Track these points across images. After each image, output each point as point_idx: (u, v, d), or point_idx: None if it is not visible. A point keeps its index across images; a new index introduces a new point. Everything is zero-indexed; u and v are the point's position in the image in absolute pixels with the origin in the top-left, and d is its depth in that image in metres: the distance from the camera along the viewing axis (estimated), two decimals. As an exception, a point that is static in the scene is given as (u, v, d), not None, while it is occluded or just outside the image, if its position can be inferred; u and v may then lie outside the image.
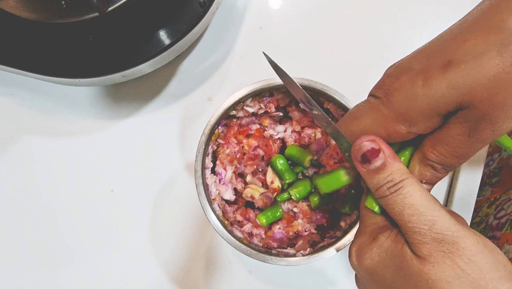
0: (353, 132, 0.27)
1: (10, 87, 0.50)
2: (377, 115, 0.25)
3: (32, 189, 0.49)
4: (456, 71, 0.22)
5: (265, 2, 0.51)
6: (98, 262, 0.47)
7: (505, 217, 0.45)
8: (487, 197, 0.52)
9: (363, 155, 0.25)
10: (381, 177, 0.25)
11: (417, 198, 0.24)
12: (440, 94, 0.23)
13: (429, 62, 0.24)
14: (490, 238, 0.45)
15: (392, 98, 0.25)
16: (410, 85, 0.24)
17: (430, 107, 0.24)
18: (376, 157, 0.25)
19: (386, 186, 0.25)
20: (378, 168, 0.25)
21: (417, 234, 0.23)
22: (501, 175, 0.52)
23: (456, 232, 0.23)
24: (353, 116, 0.27)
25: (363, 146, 0.25)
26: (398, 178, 0.25)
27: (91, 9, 0.38)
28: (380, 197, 0.25)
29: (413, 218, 0.24)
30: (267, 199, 0.40)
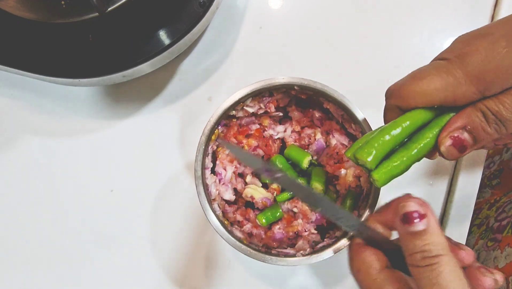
0: (415, 93, 0.25)
1: (10, 87, 0.50)
2: (447, 76, 0.24)
3: (32, 189, 0.49)
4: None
5: (265, 2, 0.51)
6: (98, 262, 0.47)
7: (506, 219, 0.44)
8: (487, 199, 0.52)
9: (406, 214, 0.24)
10: (418, 244, 0.23)
11: (450, 280, 0.22)
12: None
13: (509, 32, 0.23)
14: (491, 240, 0.45)
15: (468, 60, 0.23)
16: (490, 47, 0.23)
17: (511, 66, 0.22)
18: (420, 220, 0.23)
19: (421, 254, 0.23)
20: (417, 233, 0.23)
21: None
22: (501, 177, 0.52)
23: None
24: (417, 77, 0.25)
25: (408, 205, 0.24)
26: (436, 251, 0.23)
27: (91, 9, 0.38)
28: (411, 265, 0.24)
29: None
30: (267, 201, 0.40)
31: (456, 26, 0.50)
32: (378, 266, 0.26)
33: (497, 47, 0.23)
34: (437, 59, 0.25)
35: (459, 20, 0.50)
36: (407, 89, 0.25)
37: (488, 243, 0.45)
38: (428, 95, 0.24)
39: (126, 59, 0.41)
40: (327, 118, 0.42)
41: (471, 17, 0.50)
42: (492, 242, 0.44)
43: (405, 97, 0.25)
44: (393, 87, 0.26)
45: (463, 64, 0.23)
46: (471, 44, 0.24)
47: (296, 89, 0.39)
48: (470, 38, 0.24)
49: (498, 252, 0.42)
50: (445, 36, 0.50)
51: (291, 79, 0.38)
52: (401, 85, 0.26)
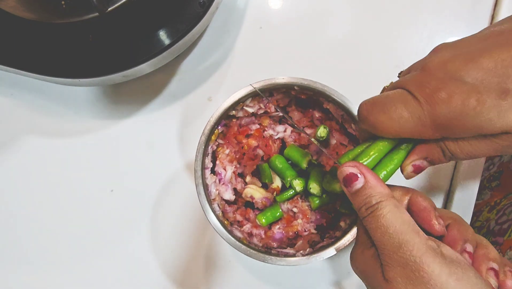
0: (383, 126, 0.26)
1: (10, 87, 0.50)
2: (416, 121, 0.25)
3: (32, 189, 0.49)
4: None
5: (265, 2, 0.51)
6: (98, 262, 0.47)
7: (507, 222, 0.44)
8: (487, 201, 0.51)
9: (345, 178, 0.27)
10: (360, 199, 0.26)
11: (390, 220, 0.25)
12: (489, 120, 0.23)
13: (484, 82, 0.23)
14: (493, 243, 0.44)
15: (437, 110, 0.24)
16: (461, 102, 0.23)
17: (476, 128, 0.24)
18: (355, 181, 0.27)
19: (364, 207, 0.26)
20: (357, 191, 0.27)
21: (385, 255, 0.25)
22: (501, 179, 0.52)
23: (421, 258, 0.23)
24: (387, 109, 0.26)
25: (343, 170, 0.27)
26: (375, 199, 0.26)
27: (91, 9, 0.38)
28: (362, 218, 0.27)
29: (383, 239, 0.25)
30: (266, 201, 0.40)
31: (456, 26, 0.50)
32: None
33: (467, 106, 0.23)
34: (407, 89, 0.26)
35: (459, 20, 0.50)
36: (377, 121, 0.27)
37: None
38: (396, 132, 0.26)
39: (126, 59, 0.41)
40: (327, 118, 0.42)
41: (471, 17, 0.50)
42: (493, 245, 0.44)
43: (374, 127, 0.27)
44: (365, 112, 0.27)
45: (434, 113, 0.24)
46: (443, 88, 0.24)
47: (296, 89, 0.39)
48: (445, 78, 0.24)
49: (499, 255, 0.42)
50: (445, 36, 0.50)
51: (291, 79, 0.38)
52: (372, 114, 0.27)
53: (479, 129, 0.24)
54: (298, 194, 0.39)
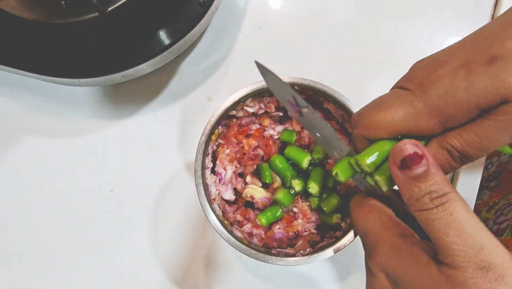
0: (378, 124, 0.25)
1: (10, 87, 0.50)
2: (408, 108, 0.24)
3: (32, 189, 0.49)
4: (502, 66, 0.22)
5: (265, 2, 0.51)
6: (98, 262, 0.47)
7: (505, 222, 0.44)
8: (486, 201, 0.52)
9: (403, 160, 0.22)
10: (423, 186, 0.22)
11: (465, 216, 0.21)
12: (483, 87, 0.22)
13: (471, 57, 0.23)
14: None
15: (429, 91, 0.23)
16: (450, 78, 0.23)
17: (472, 101, 0.22)
18: (418, 163, 0.22)
19: (428, 196, 0.22)
20: (420, 176, 0.22)
21: (461, 257, 0.21)
22: (500, 179, 0.52)
23: (505, 262, 0.21)
24: (379, 107, 0.25)
25: (404, 148, 0.22)
26: (443, 189, 0.22)
27: (91, 9, 0.38)
28: (419, 210, 0.22)
29: (459, 238, 0.21)
30: (266, 201, 0.40)
31: (456, 26, 0.50)
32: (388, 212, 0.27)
33: (457, 80, 0.23)
34: (397, 87, 0.25)
35: (459, 20, 0.50)
36: (371, 120, 0.25)
37: None
38: (392, 126, 0.24)
39: (126, 59, 0.41)
40: (327, 118, 0.42)
41: (471, 17, 0.50)
42: None
43: (369, 127, 0.25)
44: (357, 116, 0.26)
45: (425, 96, 0.23)
46: (431, 73, 0.24)
47: (296, 89, 0.39)
48: (429, 66, 0.24)
49: None
50: (445, 36, 0.50)
51: (291, 79, 0.38)
52: (365, 115, 0.26)
53: (475, 102, 0.22)
54: (298, 194, 0.39)
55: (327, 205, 0.37)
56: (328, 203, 0.37)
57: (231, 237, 0.36)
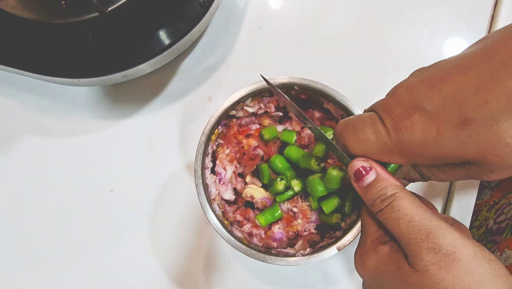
0: (353, 147, 0.27)
1: (10, 87, 0.50)
2: (382, 145, 0.26)
3: (32, 189, 0.49)
4: (471, 132, 0.22)
5: (265, 2, 0.51)
6: (98, 262, 0.47)
7: (505, 221, 0.44)
8: (486, 200, 0.51)
9: (355, 173, 0.27)
10: (374, 192, 0.26)
11: (411, 208, 0.24)
12: (450, 150, 0.23)
13: (444, 110, 0.23)
14: (491, 242, 0.44)
15: (401, 137, 0.24)
16: (422, 132, 0.24)
17: (438, 158, 0.24)
18: (367, 174, 0.26)
19: (379, 199, 0.25)
20: (370, 184, 0.26)
21: (414, 245, 0.23)
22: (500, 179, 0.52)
23: (453, 242, 0.23)
24: (356, 132, 0.27)
25: (353, 165, 0.27)
26: (390, 191, 0.25)
27: (91, 9, 0.38)
28: (376, 212, 0.26)
29: (408, 228, 0.24)
30: (266, 201, 0.40)
31: (456, 26, 0.50)
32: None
33: (428, 136, 0.24)
34: (375, 111, 0.26)
35: (459, 20, 0.50)
36: (348, 141, 0.27)
37: (487, 245, 0.45)
38: (364, 152, 0.27)
39: (126, 59, 0.41)
40: (327, 118, 0.42)
41: (471, 17, 0.50)
42: (491, 244, 0.44)
43: (345, 147, 0.28)
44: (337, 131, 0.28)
45: (397, 140, 0.25)
46: (408, 116, 0.24)
47: (296, 89, 0.39)
48: (409, 107, 0.24)
49: (497, 254, 0.42)
50: (445, 36, 0.50)
51: (291, 79, 0.38)
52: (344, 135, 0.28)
53: (441, 160, 0.24)
54: (297, 194, 0.39)
55: (327, 205, 0.37)
56: (328, 203, 0.37)
57: (231, 237, 0.36)
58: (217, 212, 0.38)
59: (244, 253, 0.36)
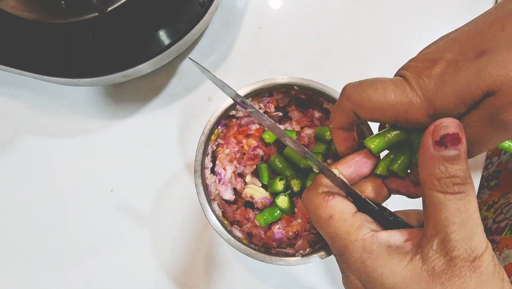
0: (371, 103, 0.25)
1: (10, 87, 0.50)
2: (402, 94, 0.25)
3: (32, 189, 0.49)
4: (487, 59, 0.22)
5: (265, 2, 0.51)
6: (98, 262, 0.47)
7: (505, 221, 0.44)
8: (485, 200, 0.52)
9: (443, 136, 0.22)
10: (450, 168, 0.22)
11: (476, 210, 0.22)
12: (466, 82, 0.22)
13: (462, 52, 0.23)
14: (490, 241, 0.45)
15: (421, 84, 0.24)
16: (440, 73, 0.24)
17: (457, 96, 0.23)
18: (456, 145, 0.22)
19: (452, 180, 0.22)
20: (452, 157, 0.22)
21: (456, 249, 0.22)
22: (499, 179, 0.52)
23: (482, 251, 0.22)
24: (375, 86, 0.26)
25: (449, 126, 0.22)
26: (465, 178, 0.22)
27: (91, 9, 0.38)
28: (437, 190, 0.22)
29: (461, 230, 0.22)
30: (266, 201, 0.40)
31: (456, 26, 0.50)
32: (352, 211, 0.26)
33: (446, 74, 0.23)
34: (397, 75, 0.26)
35: (459, 21, 0.50)
36: (365, 96, 0.26)
37: None
38: (384, 108, 0.25)
39: (126, 59, 0.41)
40: (327, 118, 0.42)
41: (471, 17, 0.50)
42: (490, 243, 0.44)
43: (362, 104, 0.26)
44: (351, 89, 0.27)
45: (418, 87, 0.24)
46: (428, 68, 0.24)
47: (296, 89, 0.39)
48: (429, 60, 0.25)
49: (496, 254, 0.42)
50: (445, 36, 0.50)
51: (291, 79, 0.38)
52: (359, 91, 0.26)
53: (460, 97, 0.23)
54: (297, 194, 0.39)
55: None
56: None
57: (230, 237, 0.36)
58: (217, 212, 0.38)
59: (244, 253, 0.36)
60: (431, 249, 0.23)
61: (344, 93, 0.27)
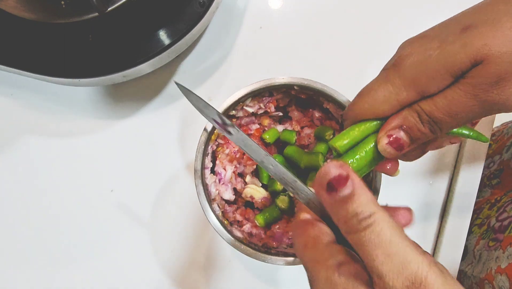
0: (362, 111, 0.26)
1: (10, 87, 0.50)
2: (387, 86, 0.25)
3: (32, 189, 0.49)
4: (473, 31, 0.22)
5: (265, 2, 0.51)
6: (98, 262, 0.47)
7: (508, 219, 0.44)
8: (487, 198, 0.51)
9: (329, 182, 0.22)
10: (350, 208, 0.21)
11: (391, 235, 0.21)
12: (454, 53, 0.23)
13: (447, 29, 0.24)
14: (493, 240, 0.44)
15: (402, 64, 0.24)
16: (423, 48, 0.24)
17: (444, 67, 0.23)
18: (344, 185, 0.21)
19: (356, 218, 0.21)
20: (346, 197, 0.21)
21: (386, 277, 0.20)
22: (501, 177, 0.52)
23: (427, 277, 0.20)
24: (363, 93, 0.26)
25: (329, 171, 0.22)
26: (369, 210, 0.21)
27: (91, 9, 0.38)
28: (349, 233, 0.22)
29: (384, 259, 0.21)
30: (266, 201, 0.40)
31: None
32: (325, 240, 0.25)
33: (429, 49, 0.23)
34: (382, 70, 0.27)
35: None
36: (356, 109, 0.26)
37: (489, 243, 0.45)
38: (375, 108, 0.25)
39: (126, 59, 0.41)
40: (327, 118, 0.42)
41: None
42: (493, 242, 0.44)
43: (356, 116, 0.26)
44: (346, 110, 0.28)
45: (399, 70, 0.24)
46: (406, 48, 0.25)
47: (296, 89, 0.39)
48: (407, 43, 0.25)
49: (500, 252, 0.42)
50: (445, 36, 0.50)
51: (291, 79, 0.38)
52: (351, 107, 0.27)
53: (447, 68, 0.23)
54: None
55: None
56: None
57: (230, 237, 0.36)
58: (217, 212, 0.38)
59: (244, 253, 0.36)
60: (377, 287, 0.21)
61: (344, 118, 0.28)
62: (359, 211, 0.21)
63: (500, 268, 0.40)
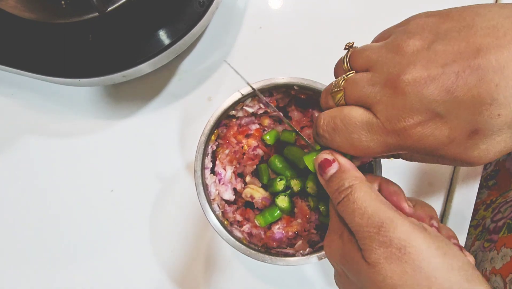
0: (343, 149, 0.27)
1: (10, 87, 0.50)
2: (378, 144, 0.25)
3: (32, 189, 0.49)
4: (478, 141, 0.22)
5: (265, 2, 0.51)
6: (98, 262, 0.47)
7: (502, 220, 0.44)
8: (484, 200, 0.52)
9: (319, 165, 0.27)
10: (334, 183, 0.26)
11: (366, 200, 0.24)
12: (455, 154, 0.23)
13: (459, 117, 0.22)
14: (488, 241, 0.44)
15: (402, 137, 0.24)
16: (433, 139, 0.23)
17: (439, 158, 0.25)
18: (329, 166, 0.27)
19: (337, 191, 0.26)
20: (332, 176, 0.26)
21: (366, 238, 0.23)
22: (497, 178, 0.52)
23: (404, 235, 0.22)
24: (345, 134, 0.26)
25: (318, 157, 0.28)
26: (348, 182, 0.25)
27: (91, 9, 0.38)
28: (336, 204, 0.26)
29: (361, 221, 0.24)
30: (266, 201, 0.40)
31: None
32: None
33: (438, 140, 0.24)
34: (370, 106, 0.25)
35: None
36: (337, 146, 0.27)
37: (484, 244, 0.45)
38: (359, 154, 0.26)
39: (126, 59, 0.41)
40: (327, 118, 0.42)
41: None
42: (488, 243, 0.44)
43: (341, 149, 0.27)
44: (326, 134, 0.28)
45: (398, 138, 0.24)
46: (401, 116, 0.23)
47: (296, 89, 0.39)
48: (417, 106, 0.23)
49: (494, 252, 0.42)
50: (445, 36, 0.50)
51: (291, 79, 0.38)
52: (332, 139, 0.27)
53: (441, 159, 0.24)
54: (297, 194, 0.39)
55: (323, 205, 0.37)
56: (325, 203, 0.37)
57: (230, 237, 0.36)
58: (217, 212, 0.38)
59: (244, 253, 0.36)
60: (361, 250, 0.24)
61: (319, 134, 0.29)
62: (340, 184, 0.26)
63: (494, 269, 0.40)
